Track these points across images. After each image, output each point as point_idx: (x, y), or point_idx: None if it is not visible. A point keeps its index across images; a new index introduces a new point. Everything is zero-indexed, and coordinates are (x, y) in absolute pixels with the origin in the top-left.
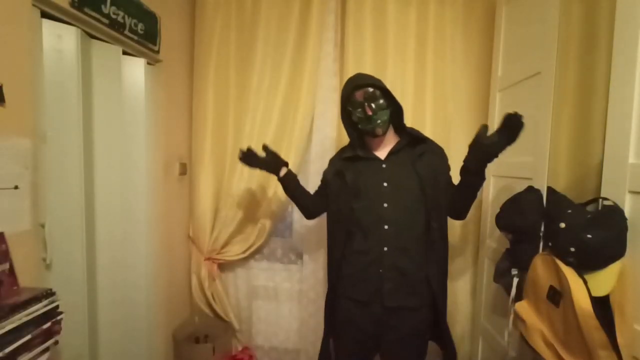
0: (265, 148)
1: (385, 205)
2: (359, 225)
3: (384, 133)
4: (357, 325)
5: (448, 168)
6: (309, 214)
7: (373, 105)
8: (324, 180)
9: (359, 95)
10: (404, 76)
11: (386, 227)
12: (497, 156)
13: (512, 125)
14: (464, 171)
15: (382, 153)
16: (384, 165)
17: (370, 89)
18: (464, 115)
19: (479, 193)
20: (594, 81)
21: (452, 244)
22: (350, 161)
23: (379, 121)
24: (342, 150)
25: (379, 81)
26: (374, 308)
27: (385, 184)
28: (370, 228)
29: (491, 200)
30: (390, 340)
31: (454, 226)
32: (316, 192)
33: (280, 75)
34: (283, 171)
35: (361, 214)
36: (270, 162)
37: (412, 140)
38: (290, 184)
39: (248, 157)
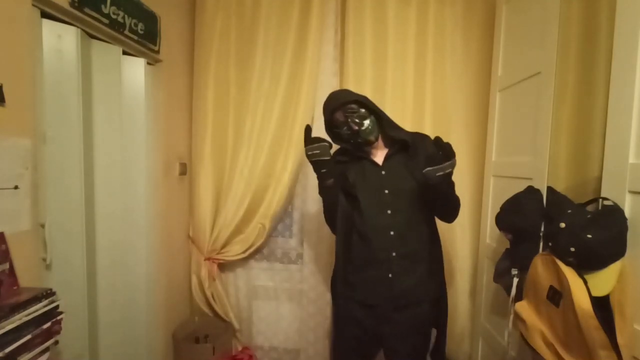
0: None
1: (389, 212)
2: (365, 232)
3: (377, 139)
4: (360, 322)
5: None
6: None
7: (356, 119)
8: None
9: (339, 115)
10: (404, 76)
11: (392, 233)
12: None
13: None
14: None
15: (378, 159)
16: (383, 172)
17: (347, 106)
18: (464, 115)
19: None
20: (594, 81)
21: (452, 243)
22: (349, 162)
23: (367, 130)
24: (338, 153)
25: (352, 94)
26: (383, 309)
27: (386, 191)
28: (376, 235)
29: (491, 200)
30: (392, 335)
31: (454, 226)
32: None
33: (280, 75)
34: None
35: (367, 222)
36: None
37: (402, 144)
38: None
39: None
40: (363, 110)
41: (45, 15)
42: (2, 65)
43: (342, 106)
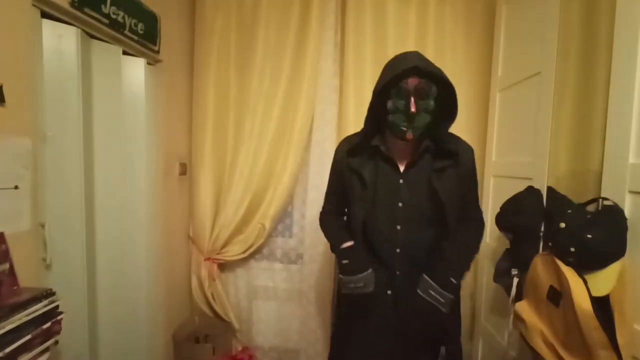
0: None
1: (398, 227)
2: (370, 245)
3: (411, 140)
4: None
5: (474, 183)
6: None
7: (420, 103)
8: (338, 182)
9: (412, 82)
10: None
11: (398, 250)
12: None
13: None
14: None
15: (399, 161)
16: (401, 181)
17: (427, 82)
18: (464, 115)
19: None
20: (594, 81)
21: None
22: (364, 155)
23: (416, 124)
24: (351, 139)
25: (440, 71)
26: (386, 319)
27: (400, 204)
28: (380, 250)
29: (491, 200)
30: (400, 346)
31: None
32: (336, 203)
33: (280, 75)
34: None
35: (372, 234)
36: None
37: (433, 147)
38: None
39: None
40: (432, 102)
41: (45, 15)
42: (2, 65)
43: (426, 75)
